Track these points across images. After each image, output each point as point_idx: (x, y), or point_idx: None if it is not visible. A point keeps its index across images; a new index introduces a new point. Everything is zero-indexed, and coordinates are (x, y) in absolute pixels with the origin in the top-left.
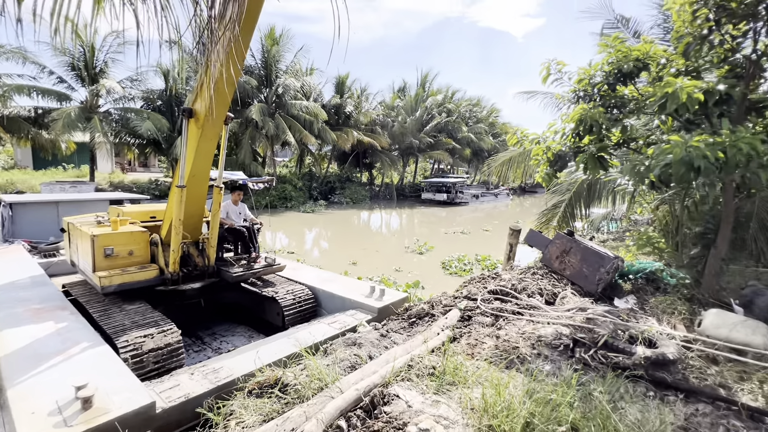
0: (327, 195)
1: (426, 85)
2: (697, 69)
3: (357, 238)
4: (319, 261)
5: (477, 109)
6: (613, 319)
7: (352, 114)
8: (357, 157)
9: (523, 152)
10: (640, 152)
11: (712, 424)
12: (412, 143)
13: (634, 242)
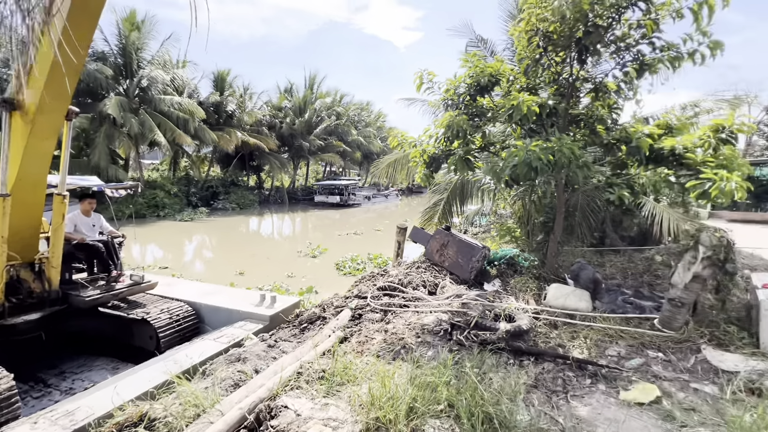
0: (209, 201)
1: (314, 87)
2: (534, 86)
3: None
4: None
5: (365, 113)
6: (482, 301)
7: (235, 113)
8: (243, 159)
9: (406, 155)
10: (497, 155)
11: (554, 378)
12: (302, 145)
13: (497, 233)
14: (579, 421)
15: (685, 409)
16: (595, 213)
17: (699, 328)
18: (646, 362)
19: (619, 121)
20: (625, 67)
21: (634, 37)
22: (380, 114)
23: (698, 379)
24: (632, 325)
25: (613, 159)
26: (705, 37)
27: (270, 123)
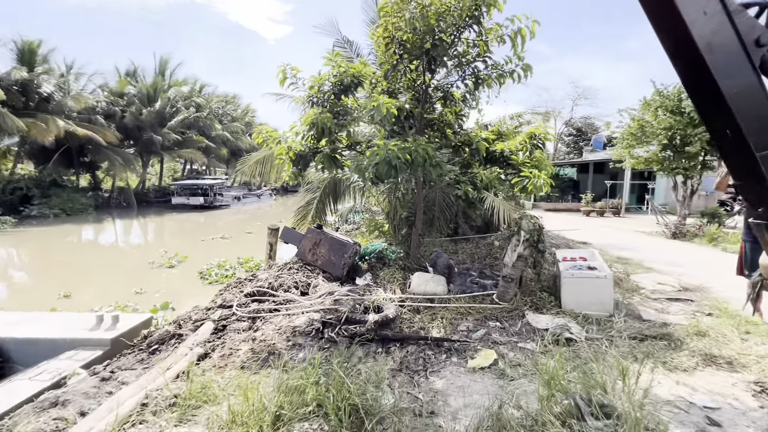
0: (17, 207)
1: (167, 73)
2: (394, 90)
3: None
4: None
5: (231, 106)
6: (353, 296)
7: (54, 96)
8: (69, 154)
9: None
10: (363, 154)
11: (416, 359)
12: (153, 139)
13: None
14: (435, 394)
15: (513, 366)
16: (449, 207)
17: (524, 297)
18: (487, 332)
19: (464, 126)
20: (466, 79)
21: (472, 55)
22: (249, 109)
23: (523, 339)
24: (478, 301)
25: (460, 159)
26: (520, 60)
27: (108, 111)
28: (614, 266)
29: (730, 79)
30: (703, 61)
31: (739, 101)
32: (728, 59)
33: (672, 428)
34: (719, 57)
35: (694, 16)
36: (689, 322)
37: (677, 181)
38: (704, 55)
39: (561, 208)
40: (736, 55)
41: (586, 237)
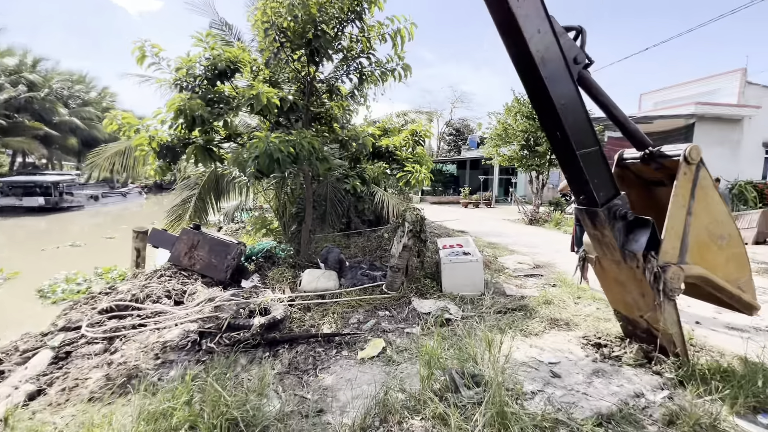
0: None
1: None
2: (277, 80)
3: None
4: None
5: (82, 87)
6: (237, 300)
7: None
8: None
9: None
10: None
11: (306, 358)
12: None
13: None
14: (325, 391)
15: (399, 351)
16: (341, 202)
17: (410, 285)
18: (377, 321)
19: (352, 121)
20: (351, 74)
21: (356, 50)
22: (106, 92)
23: (410, 324)
24: (368, 293)
25: (349, 154)
26: (400, 60)
27: None
28: (485, 250)
29: (558, 90)
30: (539, 72)
31: (565, 109)
32: (556, 73)
33: (526, 385)
34: (550, 70)
35: (531, 33)
36: (539, 294)
37: (532, 176)
38: (539, 67)
39: (444, 201)
40: (561, 69)
41: (463, 226)
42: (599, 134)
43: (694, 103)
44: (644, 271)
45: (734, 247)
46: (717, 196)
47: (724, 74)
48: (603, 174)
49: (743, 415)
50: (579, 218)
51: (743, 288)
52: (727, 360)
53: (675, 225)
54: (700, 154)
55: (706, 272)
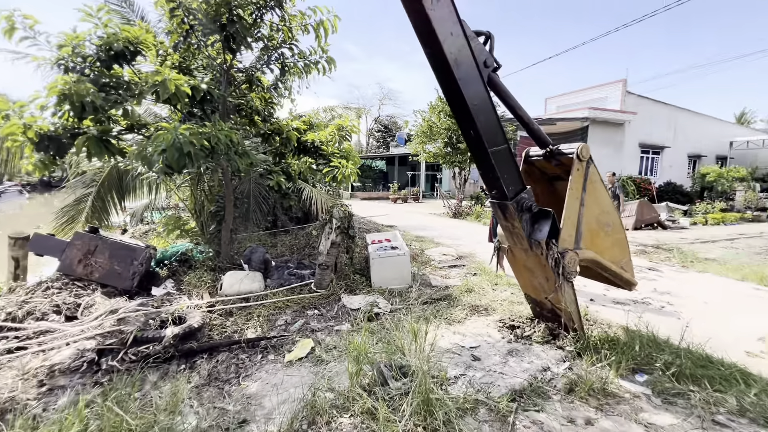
0: None
1: None
2: (188, 67)
3: None
4: None
5: None
6: (146, 310)
7: None
8: None
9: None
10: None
11: (227, 366)
12: None
13: (165, 228)
14: (249, 399)
15: (329, 350)
16: (266, 199)
17: (340, 282)
18: (306, 321)
19: (276, 115)
20: (272, 64)
21: (277, 40)
22: None
23: (340, 322)
24: (296, 293)
25: (272, 149)
26: (324, 52)
27: None
28: (412, 244)
29: (470, 91)
30: (453, 74)
31: (477, 109)
32: (468, 75)
33: (450, 370)
34: (463, 72)
35: (445, 35)
36: (462, 283)
37: (456, 172)
38: (453, 69)
39: (374, 197)
40: (473, 72)
41: (392, 221)
42: (512, 134)
43: (588, 108)
44: (547, 257)
45: (617, 233)
46: (604, 189)
47: (610, 83)
48: (512, 170)
49: (625, 376)
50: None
51: (625, 268)
52: (613, 330)
53: (571, 215)
54: (589, 152)
55: (597, 256)
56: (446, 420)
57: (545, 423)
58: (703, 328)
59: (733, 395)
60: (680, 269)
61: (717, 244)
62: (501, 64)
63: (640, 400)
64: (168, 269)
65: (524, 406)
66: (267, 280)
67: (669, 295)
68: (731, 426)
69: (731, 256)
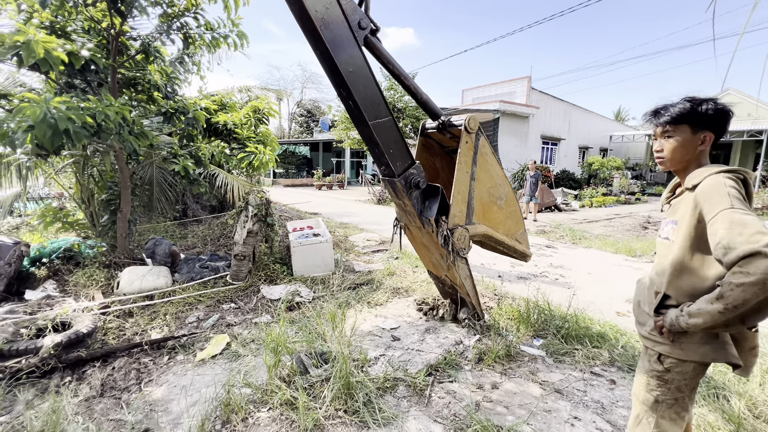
0: None
1: None
2: (64, 28)
3: None
4: None
5: None
6: (15, 317)
7: None
8: None
9: None
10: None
11: (126, 373)
12: None
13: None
14: (152, 406)
15: (246, 344)
16: (173, 186)
17: (258, 272)
18: (221, 316)
19: (180, 92)
20: (172, 33)
21: (179, 6)
22: None
23: (259, 314)
24: (210, 286)
25: (179, 131)
26: (235, 26)
27: None
28: (336, 231)
29: (343, 56)
30: (321, 36)
31: (353, 76)
32: (340, 37)
33: (370, 352)
34: (332, 34)
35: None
36: (384, 267)
37: None
38: (320, 30)
39: (297, 184)
40: (345, 34)
41: (316, 208)
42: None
43: (499, 101)
44: (437, 234)
45: (511, 205)
46: (496, 162)
47: (517, 79)
48: (398, 145)
49: (525, 342)
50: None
51: (519, 240)
52: (517, 302)
53: (461, 190)
54: (478, 123)
55: (490, 230)
56: (366, 401)
57: (458, 392)
58: (587, 294)
59: (606, 349)
60: (571, 246)
61: (599, 223)
62: (379, 26)
63: (536, 362)
64: (48, 269)
65: (439, 378)
66: (175, 274)
67: (562, 269)
68: (604, 375)
69: (608, 233)
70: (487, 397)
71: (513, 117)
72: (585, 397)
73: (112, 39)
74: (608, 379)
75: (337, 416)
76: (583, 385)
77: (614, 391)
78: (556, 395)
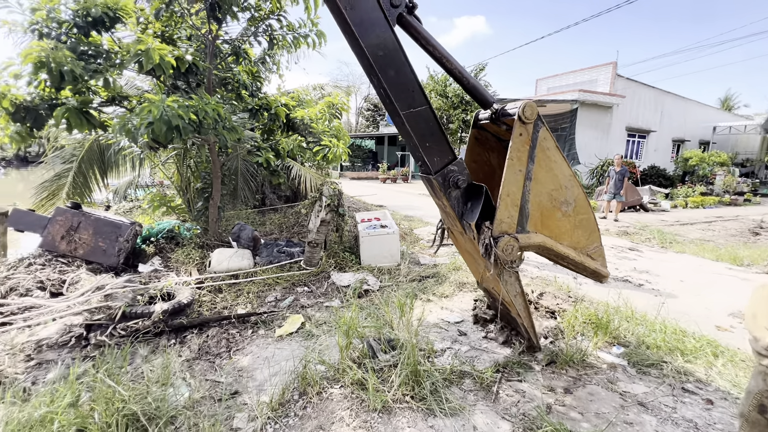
0: None
1: None
2: (172, 36)
3: None
4: None
5: None
6: (133, 286)
7: None
8: None
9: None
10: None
11: (218, 341)
12: None
13: (150, 205)
14: (240, 372)
15: (318, 325)
16: (254, 176)
17: (329, 260)
18: (296, 298)
19: (263, 89)
20: (259, 36)
21: (265, 10)
22: None
23: (329, 298)
24: (285, 270)
25: (261, 125)
26: (314, 26)
27: None
28: (401, 223)
29: (371, 39)
30: (344, 16)
31: (383, 60)
32: (368, 18)
33: (436, 344)
34: (359, 14)
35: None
36: (450, 261)
37: None
38: (343, 10)
39: (363, 177)
40: (374, 14)
41: (381, 201)
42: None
43: (577, 90)
44: (478, 242)
45: (581, 213)
46: (561, 159)
47: (600, 66)
48: (435, 137)
49: (603, 349)
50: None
51: (593, 255)
52: (594, 306)
53: (511, 192)
54: (535, 111)
55: (550, 241)
56: (433, 389)
57: (527, 392)
58: (678, 304)
59: (702, 366)
60: (659, 250)
61: (695, 226)
62: (416, 2)
63: (616, 370)
64: (155, 246)
65: (507, 376)
66: (256, 257)
67: (648, 274)
68: (699, 393)
69: (708, 237)
70: (559, 400)
71: (593, 107)
72: (674, 414)
73: (210, 43)
74: (704, 398)
75: (404, 401)
76: (672, 401)
77: (711, 412)
78: (639, 408)
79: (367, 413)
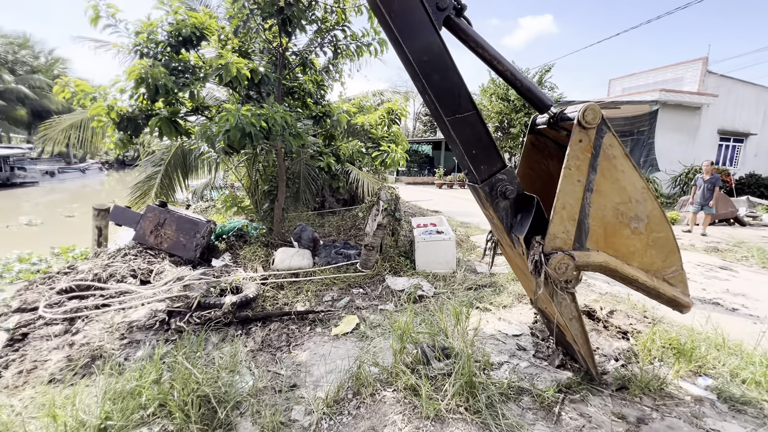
0: None
1: None
2: (247, 50)
3: None
4: None
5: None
6: (207, 278)
7: None
8: None
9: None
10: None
11: (279, 335)
12: None
13: (223, 205)
14: (298, 366)
15: (373, 327)
16: (315, 180)
17: (384, 263)
18: (351, 299)
19: (326, 97)
20: (325, 46)
21: (330, 22)
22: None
23: (384, 301)
24: (342, 271)
25: (323, 131)
26: (377, 34)
27: None
28: (458, 230)
29: (416, 44)
30: (388, 21)
31: (427, 67)
32: (411, 23)
33: (493, 356)
34: (403, 21)
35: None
36: (509, 271)
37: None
38: (386, 14)
39: (419, 182)
40: (419, 17)
41: (437, 206)
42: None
43: (658, 90)
44: (527, 258)
45: (656, 230)
46: (631, 169)
47: (687, 62)
48: (482, 144)
49: (686, 378)
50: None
51: (671, 281)
52: (676, 330)
53: (567, 204)
54: (598, 115)
55: (615, 261)
56: (488, 403)
57: (593, 417)
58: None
59: None
60: (759, 270)
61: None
62: (465, 3)
63: (702, 404)
64: (226, 243)
65: (571, 398)
66: (315, 257)
67: (743, 297)
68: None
69: None
70: (631, 431)
71: (677, 108)
72: None
73: (279, 55)
74: None
75: (458, 412)
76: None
77: None
78: None
79: (419, 420)
